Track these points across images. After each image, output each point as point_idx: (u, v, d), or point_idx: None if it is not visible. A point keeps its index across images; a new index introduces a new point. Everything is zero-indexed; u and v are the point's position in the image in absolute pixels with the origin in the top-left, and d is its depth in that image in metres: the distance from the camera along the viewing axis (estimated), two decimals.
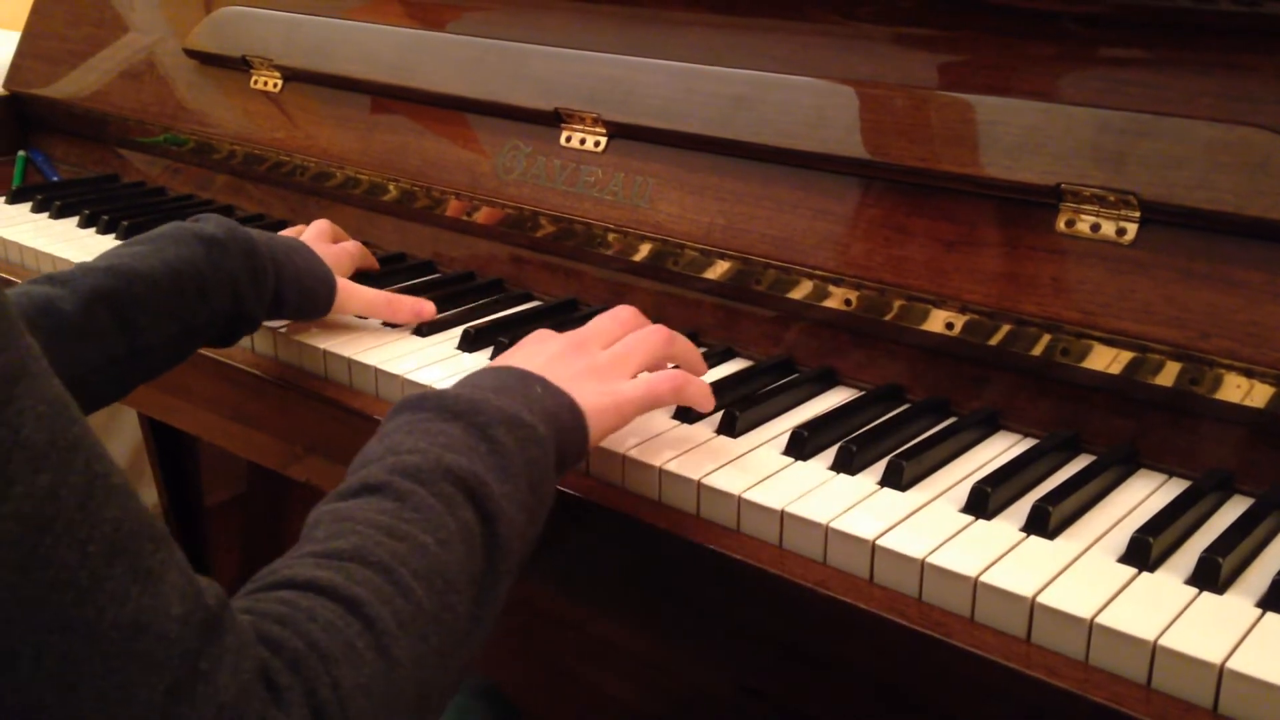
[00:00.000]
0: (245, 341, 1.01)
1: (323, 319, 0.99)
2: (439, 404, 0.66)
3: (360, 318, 1.02)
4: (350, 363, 0.95)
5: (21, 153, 1.55)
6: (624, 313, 0.83)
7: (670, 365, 0.83)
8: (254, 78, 1.34)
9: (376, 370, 0.93)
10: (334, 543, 0.57)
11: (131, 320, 0.82)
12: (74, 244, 1.23)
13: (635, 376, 0.78)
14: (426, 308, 1.00)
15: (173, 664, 0.45)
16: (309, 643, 0.51)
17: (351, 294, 0.98)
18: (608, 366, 0.77)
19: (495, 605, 0.62)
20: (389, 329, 1.01)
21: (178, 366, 0.89)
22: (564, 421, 0.70)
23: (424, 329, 1.00)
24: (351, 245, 1.08)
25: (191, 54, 1.40)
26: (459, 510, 0.61)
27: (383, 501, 0.60)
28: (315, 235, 1.07)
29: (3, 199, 1.40)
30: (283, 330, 1.00)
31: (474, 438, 0.65)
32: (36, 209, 1.35)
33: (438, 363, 0.94)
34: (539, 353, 0.77)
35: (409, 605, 0.55)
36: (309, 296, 0.95)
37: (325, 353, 0.96)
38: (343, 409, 0.93)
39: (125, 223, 1.26)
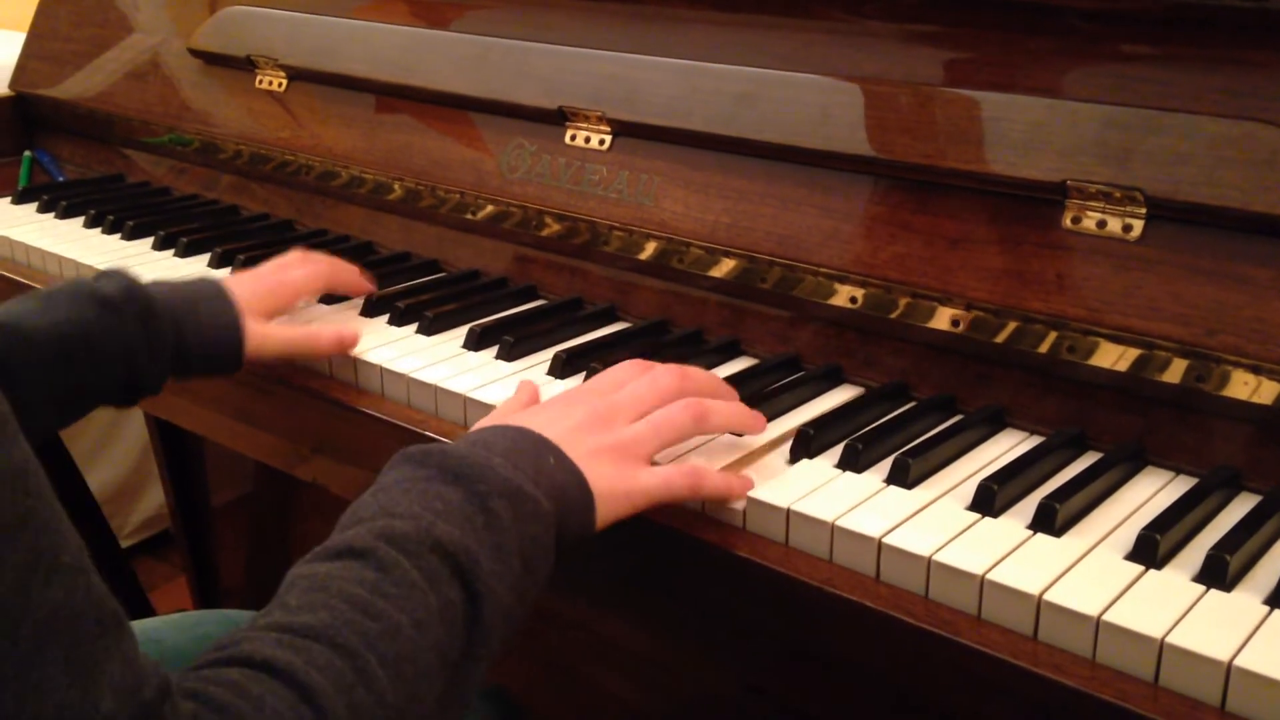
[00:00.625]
0: None
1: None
2: (441, 463, 0.63)
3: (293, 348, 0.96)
4: (356, 362, 0.95)
5: (27, 153, 1.56)
6: (665, 379, 0.77)
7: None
8: (259, 77, 1.34)
9: (382, 369, 0.93)
10: (302, 616, 0.54)
11: (10, 377, 0.78)
12: (79, 244, 1.23)
13: (652, 458, 0.74)
14: (348, 336, 0.95)
15: None
16: None
17: (265, 338, 0.92)
18: (630, 445, 0.72)
19: (469, 690, 0.59)
20: (393, 327, 1.01)
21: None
22: (571, 499, 0.67)
23: (430, 328, 1.00)
24: (297, 277, 0.98)
25: (196, 54, 1.40)
26: (442, 587, 0.58)
27: (364, 570, 0.57)
28: (267, 268, 1.00)
29: (8, 199, 1.40)
30: None
31: (472, 507, 0.62)
32: (42, 209, 1.36)
33: (444, 361, 0.94)
34: (562, 418, 0.73)
35: (369, 697, 0.52)
36: (213, 352, 0.89)
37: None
38: (349, 409, 0.93)
39: (130, 223, 1.27)
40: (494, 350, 0.96)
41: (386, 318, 1.02)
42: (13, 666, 0.41)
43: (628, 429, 0.73)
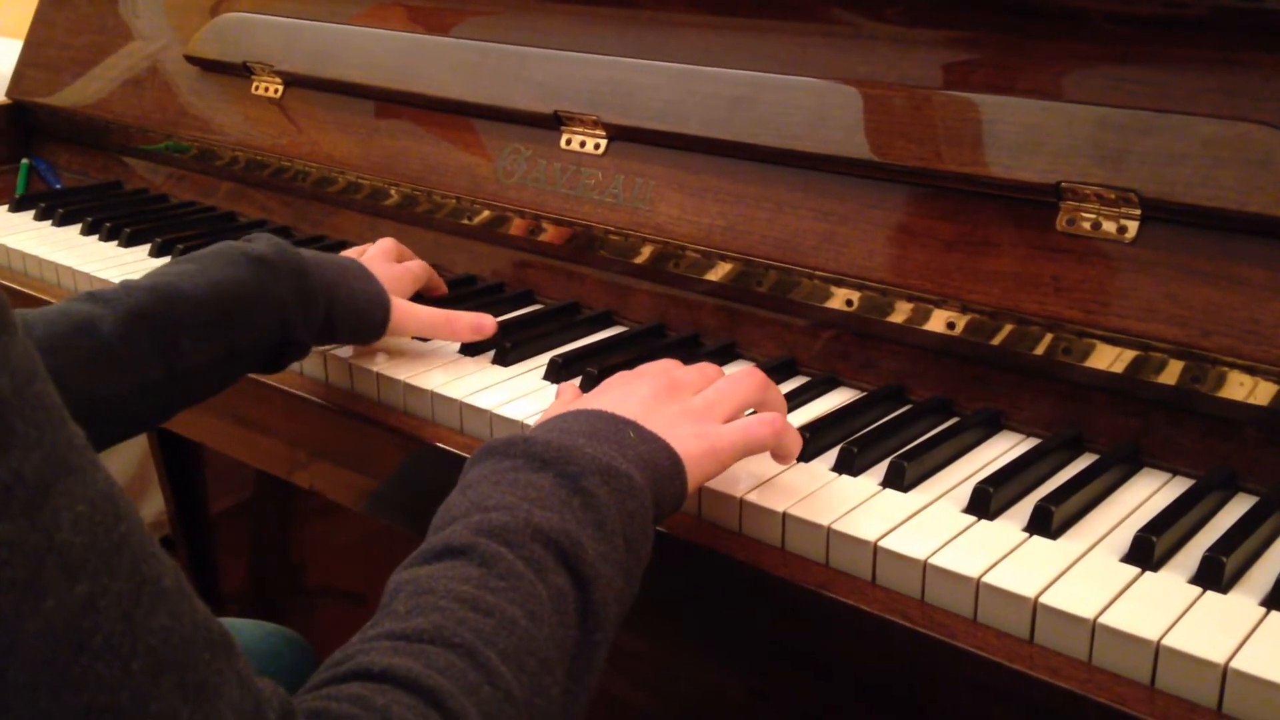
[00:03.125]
0: None
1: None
2: (526, 451, 0.62)
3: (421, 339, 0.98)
4: (352, 368, 0.95)
5: (25, 160, 1.56)
6: (709, 369, 0.77)
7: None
8: (255, 84, 1.34)
9: (378, 375, 0.93)
10: (413, 620, 0.52)
11: (171, 343, 0.78)
12: (76, 251, 1.24)
13: (725, 422, 0.72)
14: (487, 323, 0.96)
15: None
16: None
17: (408, 315, 0.94)
18: (703, 410, 0.71)
19: (591, 679, 0.57)
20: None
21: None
22: (662, 469, 0.65)
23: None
24: (415, 265, 1.04)
25: (193, 61, 1.40)
26: (550, 576, 0.56)
27: (467, 567, 0.55)
28: (378, 254, 1.03)
29: (6, 207, 1.40)
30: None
31: (566, 490, 0.60)
32: (40, 217, 1.36)
33: (440, 366, 0.94)
34: (629, 395, 0.71)
35: (496, 694, 0.50)
36: (362, 320, 0.90)
37: (327, 357, 0.97)
38: (347, 414, 0.93)
39: (128, 230, 1.27)
40: (490, 355, 0.96)
41: None
42: (129, 699, 0.39)
43: (695, 397, 0.73)
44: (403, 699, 0.48)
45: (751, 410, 0.76)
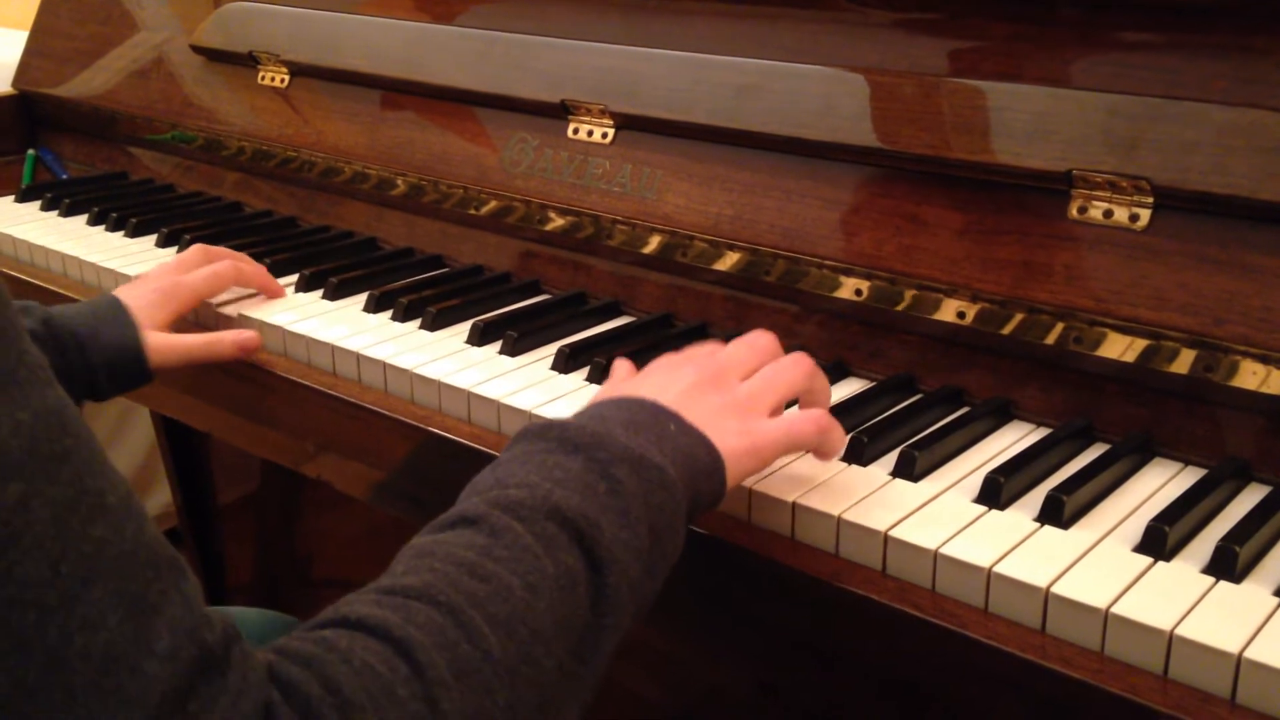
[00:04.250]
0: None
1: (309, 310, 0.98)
2: (561, 435, 0.61)
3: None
4: (360, 358, 0.94)
5: (30, 151, 1.56)
6: (762, 339, 0.75)
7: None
8: (261, 73, 1.34)
9: (386, 365, 0.93)
10: (405, 579, 0.52)
11: None
12: (83, 242, 1.23)
13: (773, 413, 0.71)
14: (249, 338, 0.96)
15: (149, 704, 0.41)
16: (330, 688, 0.46)
17: (167, 348, 0.93)
18: (746, 403, 0.69)
19: (598, 661, 0.56)
20: (397, 323, 1.01)
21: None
22: (700, 464, 0.64)
23: (433, 324, 1.00)
24: (197, 279, 0.99)
25: (198, 50, 1.40)
26: (559, 553, 0.55)
27: (474, 536, 0.55)
28: (160, 270, 1.00)
29: (12, 197, 1.40)
30: (293, 327, 1.00)
31: (593, 475, 0.59)
32: (46, 207, 1.36)
33: (447, 356, 0.93)
34: (672, 383, 0.69)
35: (475, 653, 0.50)
36: (120, 373, 0.90)
37: (334, 349, 0.96)
38: (353, 405, 0.93)
39: (134, 220, 1.26)
40: (497, 345, 0.95)
41: (390, 313, 1.02)
42: (56, 599, 0.40)
43: (741, 386, 0.71)
44: (370, 644, 0.48)
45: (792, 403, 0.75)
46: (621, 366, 0.79)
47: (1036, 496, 0.71)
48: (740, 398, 0.70)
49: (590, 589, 0.56)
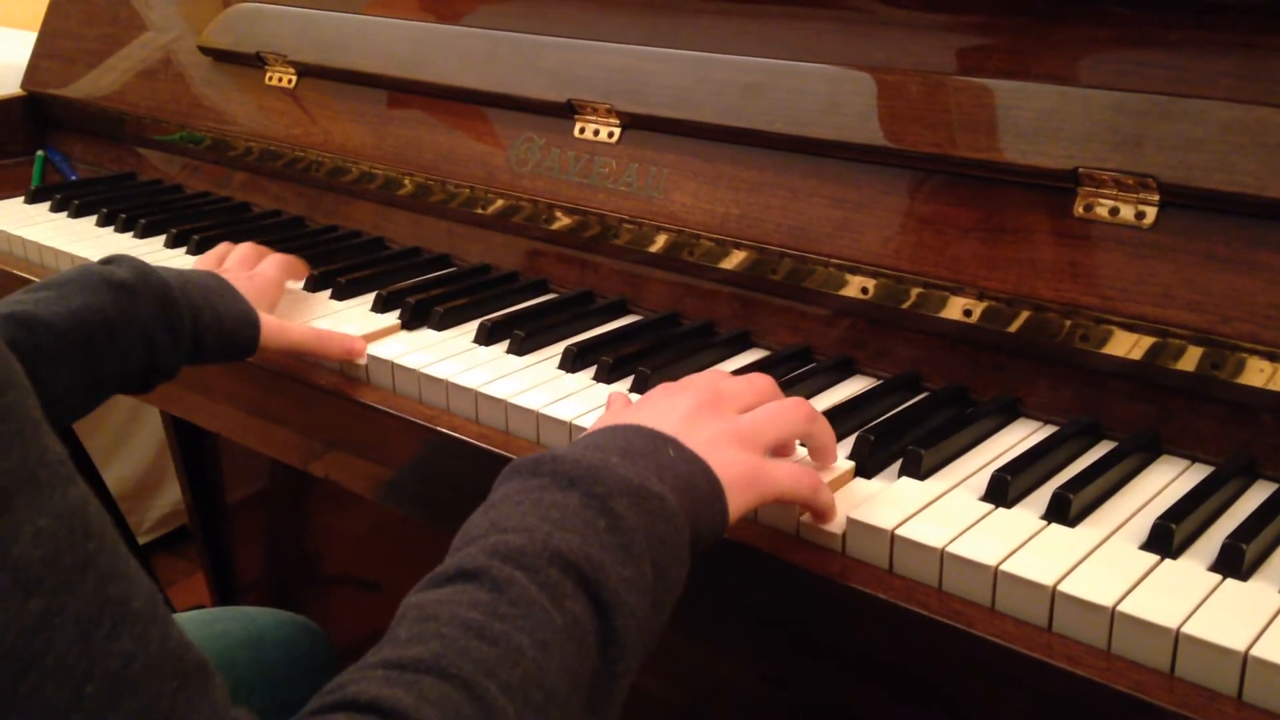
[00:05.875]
0: None
1: (314, 309, 0.98)
2: (554, 469, 0.58)
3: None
4: (367, 357, 0.95)
5: (40, 152, 1.56)
6: (761, 379, 0.74)
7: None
8: (269, 74, 1.34)
9: (393, 365, 0.93)
10: (412, 649, 0.49)
11: (29, 372, 0.76)
12: (92, 243, 1.24)
13: (769, 451, 0.70)
14: (358, 345, 0.94)
15: None
16: None
17: (278, 333, 0.93)
18: (748, 434, 0.67)
19: (612, 710, 0.54)
20: (403, 322, 1.01)
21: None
22: (700, 492, 0.62)
23: (441, 323, 1.00)
24: (273, 271, 1.02)
25: (206, 51, 1.40)
26: (566, 601, 0.53)
27: (477, 592, 0.52)
28: (238, 264, 1.02)
29: (21, 199, 1.41)
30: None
31: (592, 511, 0.56)
32: (55, 208, 1.36)
33: (455, 356, 0.94)
34: (671, 409, 0.67)
35: None
36: (230, 340, 0.89)
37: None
38: (361, 405, 0.93)
39: (143, 221, 1.27)
40: (505, 345, 0.96)
41: (397, 313, 1.02)
42: None
43: (743, 417, 0.69)
44: None
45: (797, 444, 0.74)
46: (618, 399, 0.79)
47: (1043, 494, 0.71)
48: (741, 428, 0.68)
49: (599, 635, 0.54)
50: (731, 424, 0.67)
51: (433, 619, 0.51)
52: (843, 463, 0.76)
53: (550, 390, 0.88)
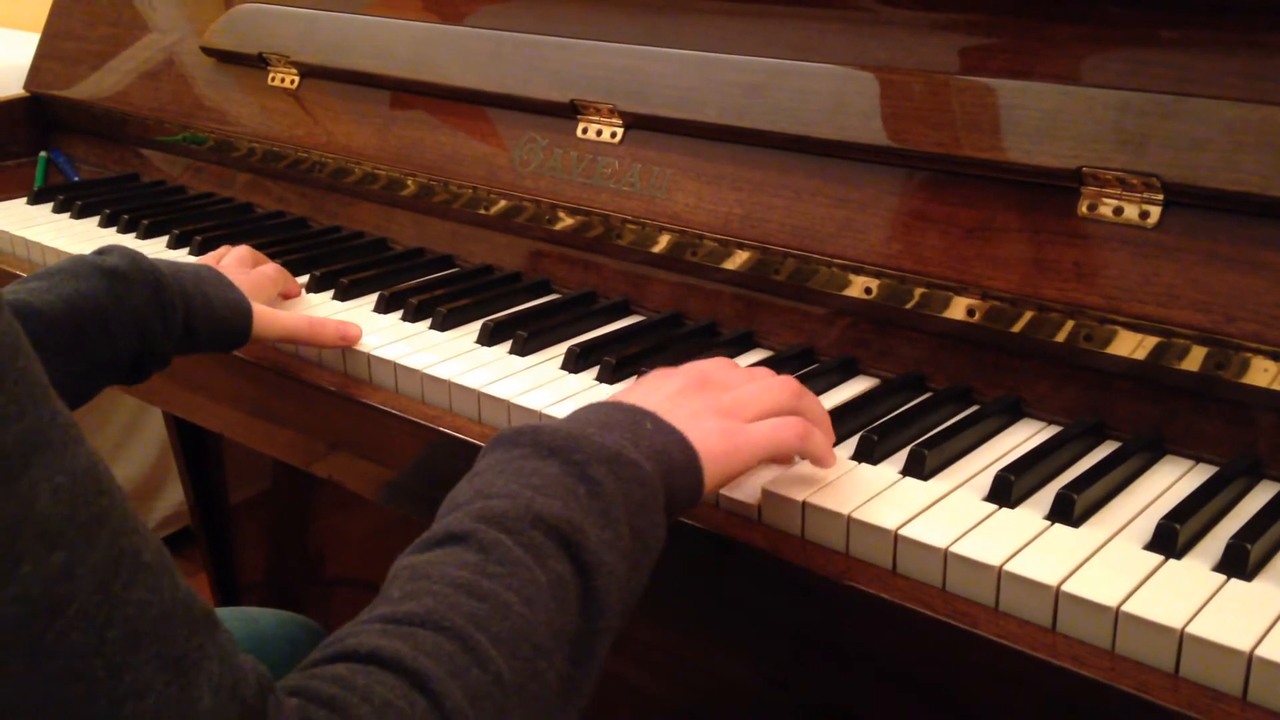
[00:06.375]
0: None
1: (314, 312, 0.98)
2: (534, 439, 0.61)
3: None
4: (370, 358, 0.95)
5: (43, 153, 1.56)
6: (758, 371, 0.76)
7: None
8: (271, 75, 1.34)
9: (396, 365, 0.93)
10: (406, 605, 0.52)
11: None
12: (95, 244, 1.24)
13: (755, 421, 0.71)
14: (352, 331, 0.96)
15: None
16: None
17: (271, 321, 0.94)
18: (730, 408, 0.70)
19: (594, 667, 0.57)
20: (407, 323, 1.01)
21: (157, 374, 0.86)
22: (674, 460, 0.64)
23: (443, 323, 1.00)
24: (270, 269, 1.03)
25: (209, 52, 1.40)
26: (550, 561, 0.55)
27: (465, 553, 0.54)
28: (233, 261, 1.04)
29: (24, 200, 1.41)
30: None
31: (571, 478, 0.59)
32: (58, 209, 1.36)
33: (457, 356, 0.94)
34: (657, 389, 0.71)
35: (485, 677, 0.50)
36: (223, 328, 0.90)
37: (345, 350, 0.96)
38: (364, 405, 0.93)
39: (145, 221, 1.27)
40: (508, 345, 0.96)
41: (400, 313, 1.02)
42: (104, 668, 0.40)
43: (726, 395, 0.71)
44: (386, 679, 0.48)
45: None
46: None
47: (1047, 494, 0.71)
48: (725, 403, 0.70)
49: (580, 594, 0.56)
50: (715, 401, 0.70)
51: (424, 578, 0.53)
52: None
53: (553, 391, 0.87)
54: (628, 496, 0.60)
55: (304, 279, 1.11)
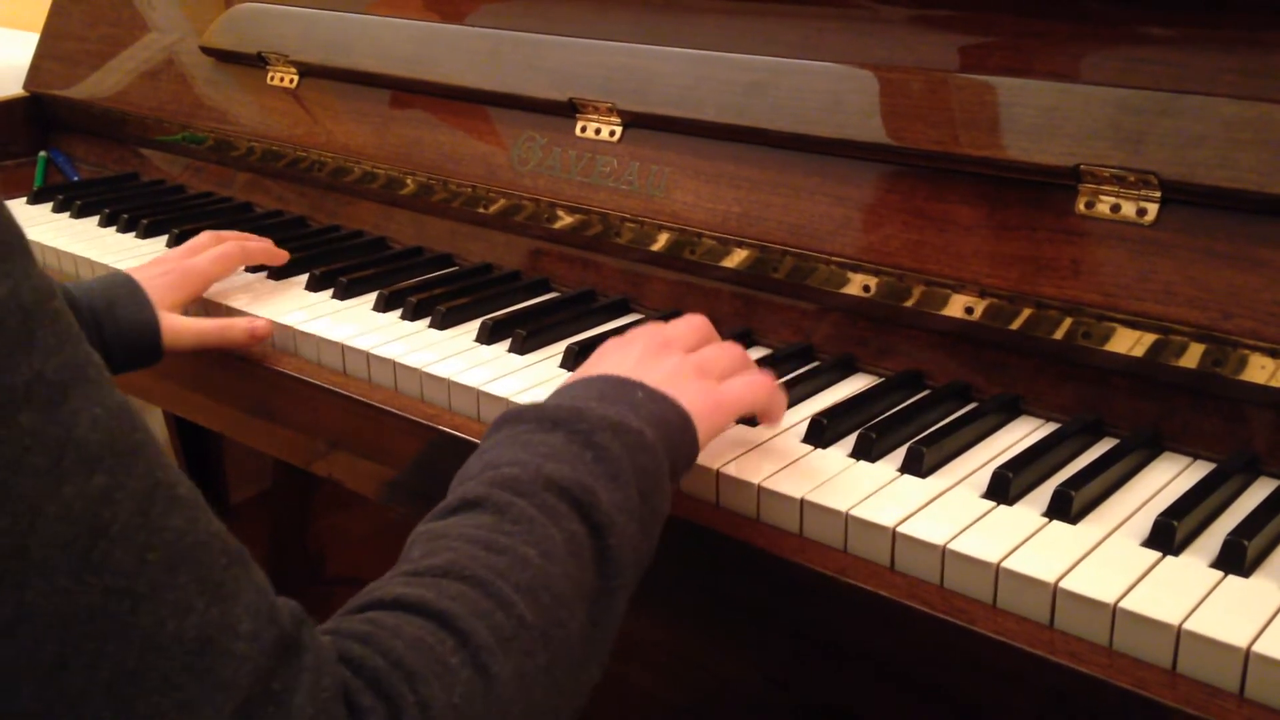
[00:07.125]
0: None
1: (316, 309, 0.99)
2: (538, 415, 0.63)
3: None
4: (370, 357, 0.95)
5: (42, 153, 1.56)
6: (698, 319, 0.79)
7: None
8: (271, 74, 1.35)
9: (396, 364, 0.93)
10: (426, 560, 0.54)
11: None
12: (95, 243, 1.24)
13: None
14: (260, 325, 0.98)
15: (242, 683, 0.43)
16: (392, 660, 0.48)
17: (181, 330, 0.95)
18: (702, 365, 0.73)
19: (612, 624, 0.58)
20: (406, 321, 1.01)
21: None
22: (673, 425, 0.66)
23: (443, 322, 1.00)
24: (204, 264, 1.02)
25: (208, 51, 1.41)
26: (563, 521, 0.57)
27: (481, 516, 0.56)
28: (186, 249, 1.04)
29: (24, 199, 1.41)
30: (304, 326, 1.00)
31: (577, 445, 0.61)
32: (58, 209, 1.36)
33: (457, 355, 0.94)
34: (626, 356, 0.72)
35: (509, 620, 0.52)
36: (134, 351, 0.91)
37: (344, 348, 0.97)
38: (363, 404, 0.93)
39: (145, 221, 1.27)
40: (507, 343, 0.96)
41: (399, 312, 1.02)
42: (146, 586, 0.42)
43: (689, 356, 0.74)
44: (413, 620, 0.50)
45: None
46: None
47: (1045, 491, 0.71)
48: (694, 361, 0.73)
49: (595, 554, 0.58)
50: (681, 361, 0.72)
51: (442, 537, 0.55)
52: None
53: (552, 389, 0.87)
54: (634, 462, 0.62)
55: (303, 277, 1.11)
